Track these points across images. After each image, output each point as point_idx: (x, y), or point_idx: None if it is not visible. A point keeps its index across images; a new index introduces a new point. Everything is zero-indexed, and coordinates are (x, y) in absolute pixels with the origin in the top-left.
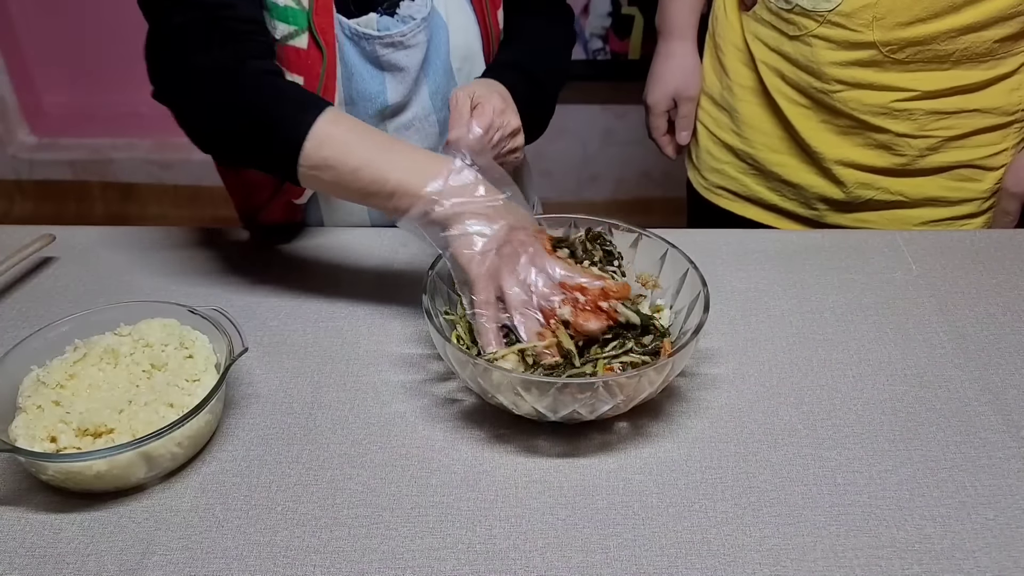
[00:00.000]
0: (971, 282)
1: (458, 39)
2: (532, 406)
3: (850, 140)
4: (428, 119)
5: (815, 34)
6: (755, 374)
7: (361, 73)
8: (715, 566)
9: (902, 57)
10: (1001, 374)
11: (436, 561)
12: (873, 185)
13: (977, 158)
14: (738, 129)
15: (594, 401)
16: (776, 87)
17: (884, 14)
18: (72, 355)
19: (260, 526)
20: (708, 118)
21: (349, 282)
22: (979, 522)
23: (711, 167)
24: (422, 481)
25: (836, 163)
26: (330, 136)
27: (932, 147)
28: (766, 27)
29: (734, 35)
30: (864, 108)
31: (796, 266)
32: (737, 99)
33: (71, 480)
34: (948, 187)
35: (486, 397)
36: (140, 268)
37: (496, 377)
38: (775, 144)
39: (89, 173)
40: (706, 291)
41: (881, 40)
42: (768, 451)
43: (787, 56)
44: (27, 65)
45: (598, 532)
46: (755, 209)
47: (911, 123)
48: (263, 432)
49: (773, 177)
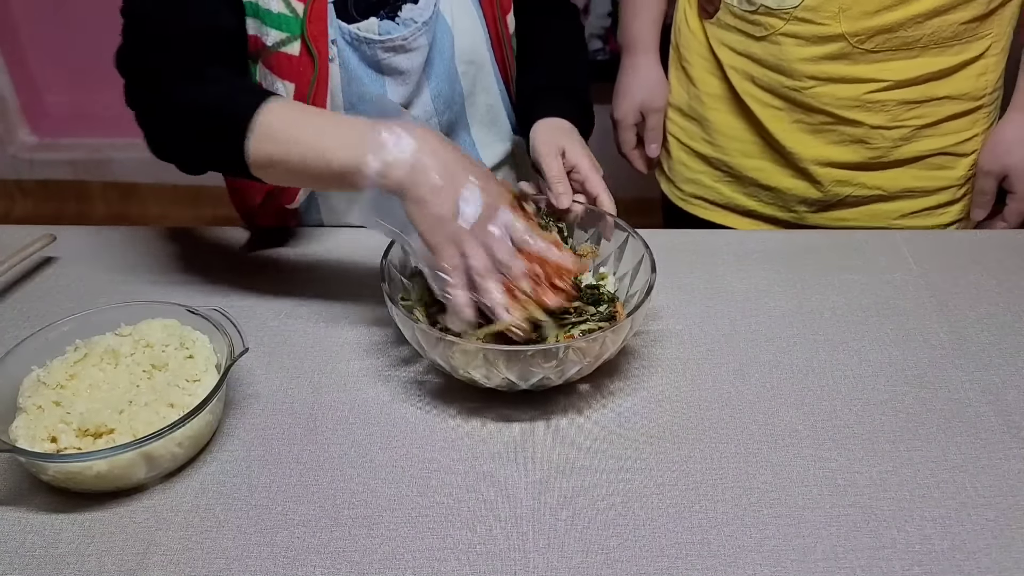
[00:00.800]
0: (971, 282)
1: (464, 42)
2: (504, 376)
3: (824, 137)
4: (430, 122)
5: (782, 32)
6: (755, 374)
7: (361, 78)
8: (715, 567)
9: (871, 47)
10: (1001, 375)
11: (436, 561)
12: (850, 182)
13: (949, 145)
14: (710, 138)
15: (562, 367)
16: (746, 91)
17: (850, 4)
18: (73, 355)
19: (260, 526)
20: (678, 129)
21: (349, 282)
22: (979, 523)
23: (685, 177)
24: (422, 482)
25: (812, 162)
26: (268, 127)
27: (905, 137)
28: (732, 32)
29: (698, 45)
30: (837, 102)
31: (796, 266)
32: (707, 108)
33: (71, 480)
34: (923, 177)
35: (456, 374)
36: (141, 268)
37: (466, 353)
38: (749, 149)
39: (90, 173)
40: (650, 253)
41: (849, 31)
42: (768, 452)
43: (755, 58)
44: (28, 65)
45: (598, 533)
46: (733, 216)
47: (884, 114)
48: (263, 432)
49: (749, 182)
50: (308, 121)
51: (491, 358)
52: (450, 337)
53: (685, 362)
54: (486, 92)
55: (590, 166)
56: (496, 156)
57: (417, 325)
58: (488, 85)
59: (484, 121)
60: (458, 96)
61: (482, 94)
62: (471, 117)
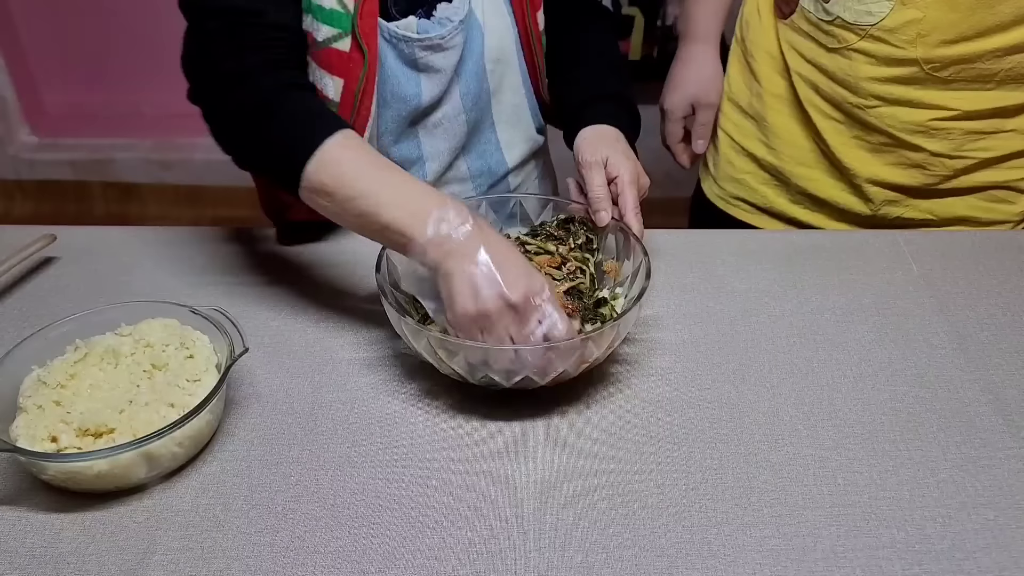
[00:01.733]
0: (971, 282)
1: (493, 41)
2: (488, 375)
3: (883, 158)
4: (457, 119)
5: (855, 48)
6: (756, 374)
7: (397, 75)
8: (715, 567)
9: (945, 75)
10: (1001, 374)
11: (436, 561)
12: (901, 203)
13: (1011, 180)
14: (766, 139)
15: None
16: (809, 99)
17: (929, 31)
18: (73, 355)
19: (261, 526)
20: (732, 126)
21: (350, 282)
22: (979, 522)
23: (729, 176)
24: (422, 481)
25: (866, 180)
26: (333, 160)
27: (966, 168)
28: (803, 37)
29: (768, 42)
30: (900, 125)
31: (797, 266)
32: (767, 108)
33: (72, 480)
34: (980, 208)
35: (441, 368)
36: (141, 268)
37: (452, 347)
38: (804, 156)
39: (90, 173)
40: (647, 260)
41: (924, 57)
42: (768, 451)
43: (823, 68)
44: (28, 65)
45: (598, 533)
46: (772, 222)
47: (947, 143)
48: (264, 432)
49: (796, 190)
50: (374, 167)
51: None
52: (434, 332)
53: (685, 362)
54: (513, 91)
55: (629, 181)
56: (520, 155)
57: (404, 319)
58: (515, 84)
59: (510, 120)
60: (485, 94)
61: (508, 92)
62: (497, 116)
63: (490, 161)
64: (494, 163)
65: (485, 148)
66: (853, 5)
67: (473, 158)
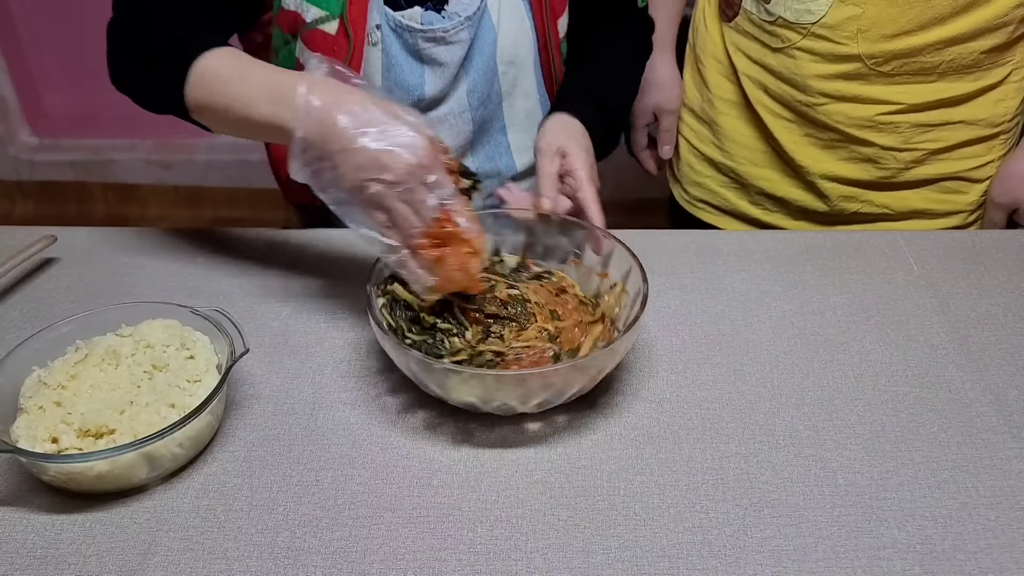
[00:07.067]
0: (972, 282)
1: (506, 42)
2: (502, 402)
3: (834, 154)
4: (463, 116)
5: (798, 47)
6: (756, 375)
7: (401, 65)
8: (716, 567)
9: (887, 70)
10: (1002, 375)
11: (437, 562)
12: (857, 198)
13: (963, 170)
14: (719, 142)
15: (561, 388)
16: (758, 100)
17: (869, 26)
18: (73, 356)
19: (261, 527)
20: (689, 131)
21: (350, 283)
22: (980, 523)
23: (693, 181)
24: (423, 482)
25: (820, 176)
26: (203, 74)
27: (917, 160)
28: (748, 39)
29: (715, 48)
30: (849, 121)
31: (797, 267)
32: (718, 112)
33: (72, 481)
34: (934, 199)
35: (422, 387)
36: (141, 269)
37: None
38: (757, 158)
39: (90, 174)
40: (645, 287)
41: (866, 52)
42: (769, 452)
43: (770, 69)
44: (28, 66)
45: (599, 533)
46: (737, 223)
47: (896, 136)
48: (264, 433)
49: (755, 190)
50: (239, 71)
51: (488, 382)
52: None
53: (686, 362)
54: (526, 96)
55: (587, 176)
56: (530, 160)
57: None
58: (529, 89)
59: (522, 125)
60: (495, 95)
61: (521, 97)
62: (508, 119)
63: (499, 164)
64: (504, 166)
65: (495, 150)
66: (793, 4)
67: (482, 159)
